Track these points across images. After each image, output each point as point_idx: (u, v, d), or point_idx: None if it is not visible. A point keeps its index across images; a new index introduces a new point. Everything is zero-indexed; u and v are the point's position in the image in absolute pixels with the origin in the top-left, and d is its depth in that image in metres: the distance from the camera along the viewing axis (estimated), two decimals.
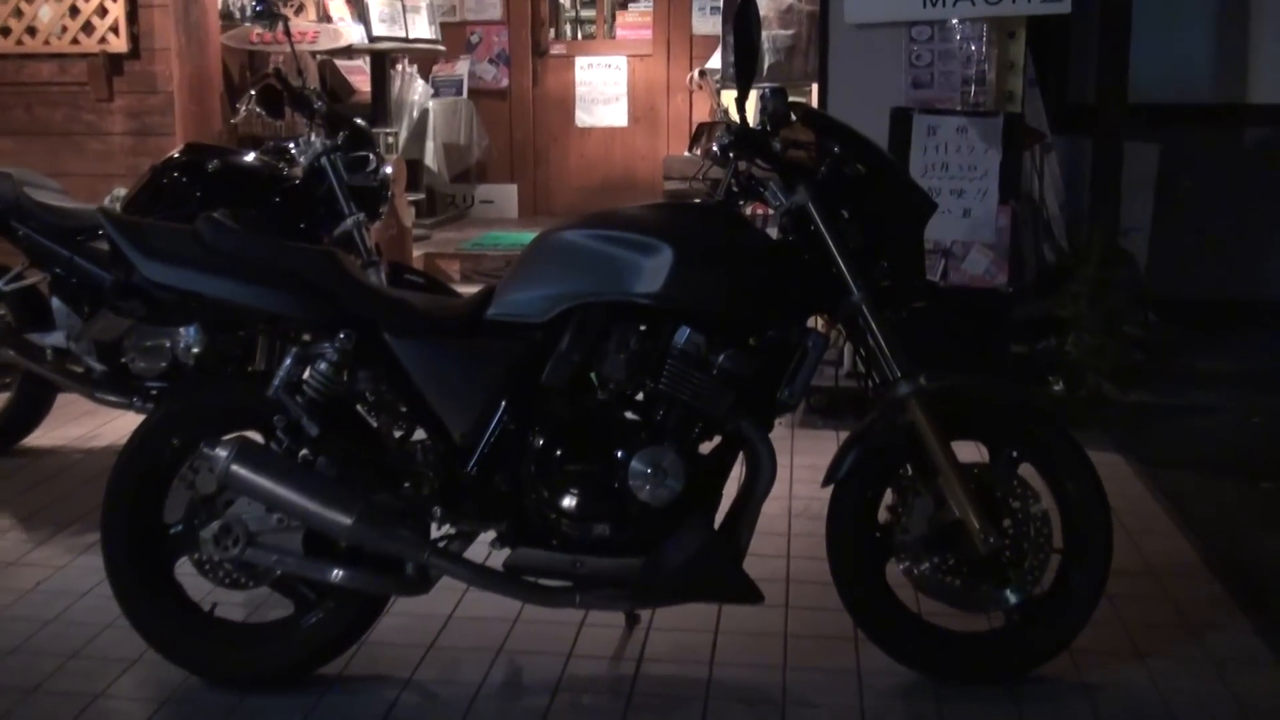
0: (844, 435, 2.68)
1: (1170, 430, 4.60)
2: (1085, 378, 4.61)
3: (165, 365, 3.68)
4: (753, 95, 2.62)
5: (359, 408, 2.62)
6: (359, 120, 4.10)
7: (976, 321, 4.35)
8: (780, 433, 4.34)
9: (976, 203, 4.33)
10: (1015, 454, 2.64)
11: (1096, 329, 4.65)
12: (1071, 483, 2.62)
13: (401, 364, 2.52)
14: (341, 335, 2.49)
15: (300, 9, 7.37)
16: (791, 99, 2.60)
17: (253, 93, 7.06)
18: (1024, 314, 4.78)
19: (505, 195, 9.31)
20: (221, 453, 2.45)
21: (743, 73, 2.52)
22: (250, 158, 4.06)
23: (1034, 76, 5.03)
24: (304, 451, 2.51)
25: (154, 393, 3.67)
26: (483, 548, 2.59)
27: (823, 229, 2.48)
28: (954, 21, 4.43)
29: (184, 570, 2.63)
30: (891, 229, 2.53)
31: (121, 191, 4.33)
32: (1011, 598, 2.63)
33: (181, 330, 3.65)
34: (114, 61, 5.73)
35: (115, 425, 4.44)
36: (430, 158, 8.37)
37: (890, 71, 4.52)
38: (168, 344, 3.67)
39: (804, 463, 4.08)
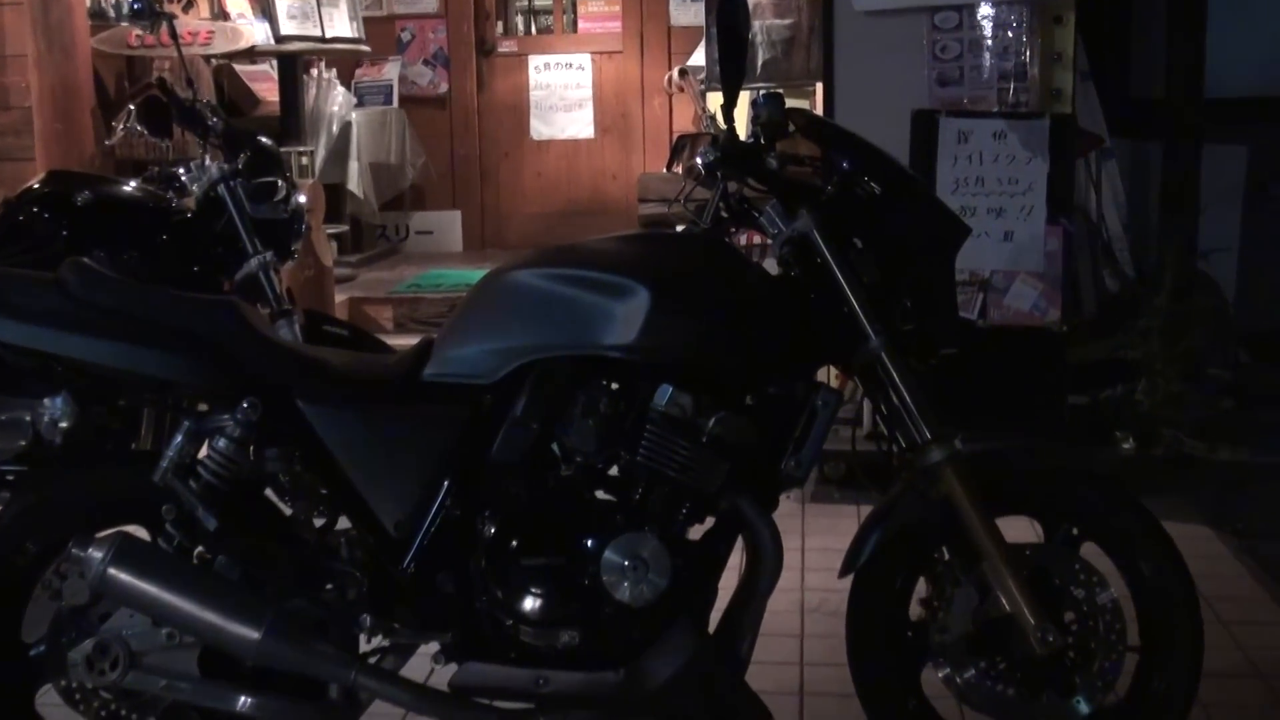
0: (865, 512, 2.68)
1: (1270, 495, 4.62)
2: (1161, 433, 4.64)
3: (24, 444, 3.65)
4: (743, 100, 2.65)
5: (268, 493, 2.62)
6: (264, 138, 4.12)
7: (1024, 368, 4.38)
8: (787, 510, 4.34)
9: (1020, 223, 4.38)
10: (1076, 531, 2.65)
11: (1173, 373, 4.69)
12: (1147, 564, 2.63)
13: (320, 438, 2.52)
14: (245, 404, 2.49)
15: (190, 5, 7.43)
16: (790, 104, 2.64)
17: (132, 107, 7.10)
18: (1083, 357, 4.82)
19: (446, 225, 9.36)
20: (96, 553, 2.43)
21: (730, 72, 2.55)
22: (130, 187, 4.07)
23: (1087, 69, 5.10)
24: (200, 549, 2.49)
25: (9, 479, 3.65)
26: (424, 662, 2.58)
27: (831, 261, 2.51)
28: (986, 6, 4.49)
29: (48, 701, 2.60)
30: (915, 259, 2.56)
31: None
32: (1080, 709, 2.63)
33: (45, 402, 3.62)
34: None
35: None
36: (354, 181, 8.42)
37: (910, 67, 4.58)
38: (27, 418, 3.65)
39: (817, 546, 4.09)
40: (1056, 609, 2.59)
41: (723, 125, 2.59)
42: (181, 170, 4.01)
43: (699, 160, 2.60)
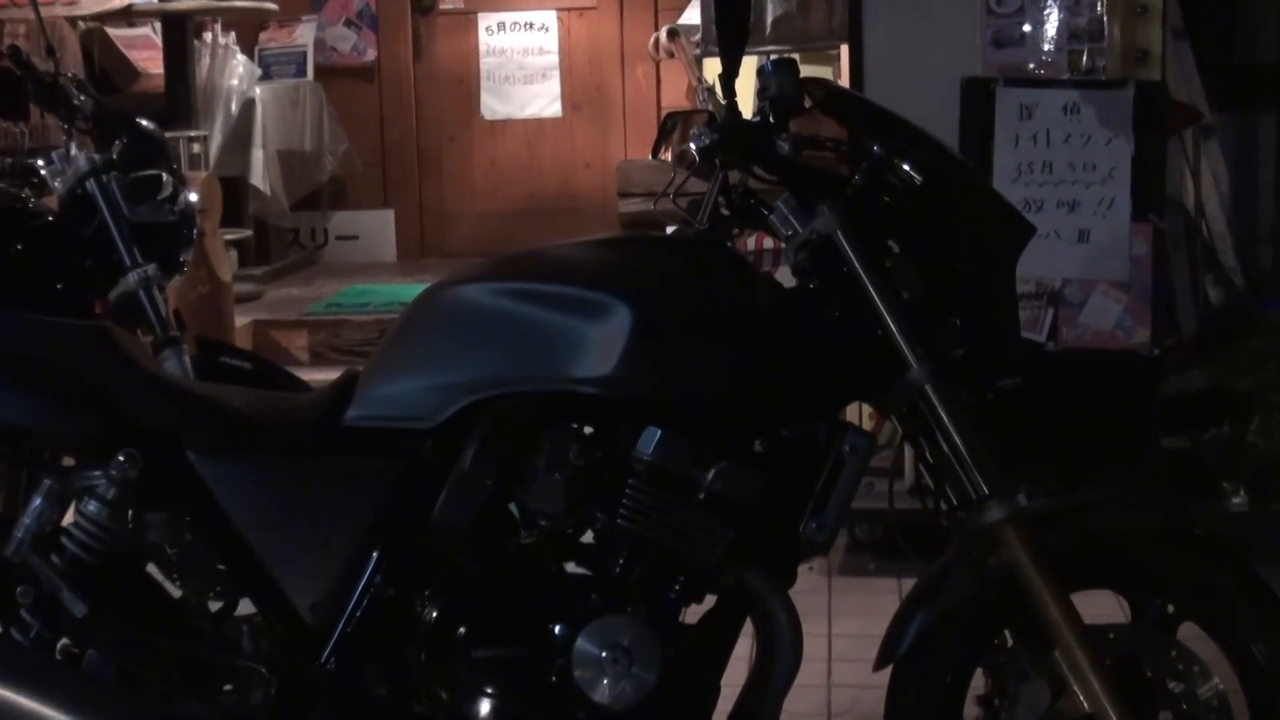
0: (907, 587, 2.69)
1: None
2: (1264, 478, 4.65)
3: None
4: (748, 68, 2.67)
5: (151, 569, 2.62)
6: (146, 121, 4.13)
7: (1106, 402, 4.38)
8: (809, 585, 4.35)
9: (1098, 220, 4.39)
10: (1172, 608, 2.66)
11: None
12: (1262, 648, 2.64)
13: (216, 499, 2.52)
14: (122, 457, 2.49)
15: None
16: (806, 72, 2.65)
17: None
18: (1181, 387, 4.83)
19: (376, 228, 9.37)
20: None
21: (731, 33, 2.57)
22: None
23: (1180, 25, 5.12)
24: (64, 641, 2.49)
25: None
26: None
27: (860, 270, 2.52)
28: None
29: None
30: (967, 267, 2.57)
31: None
32: None
33: None
34: None
35: None
36: (258, 174, 8.41)
37: (957, 24, 4.60)
38: None
39: (847, 631, 4.10)
40: (1149, 707, 2.59)
41: (722, 100, 2.61)
42: (41, 162, 4.01)
43: (693, 144, 2.61)
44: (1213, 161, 5.48)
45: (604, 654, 2.45)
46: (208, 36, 8.30)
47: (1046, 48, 4.55)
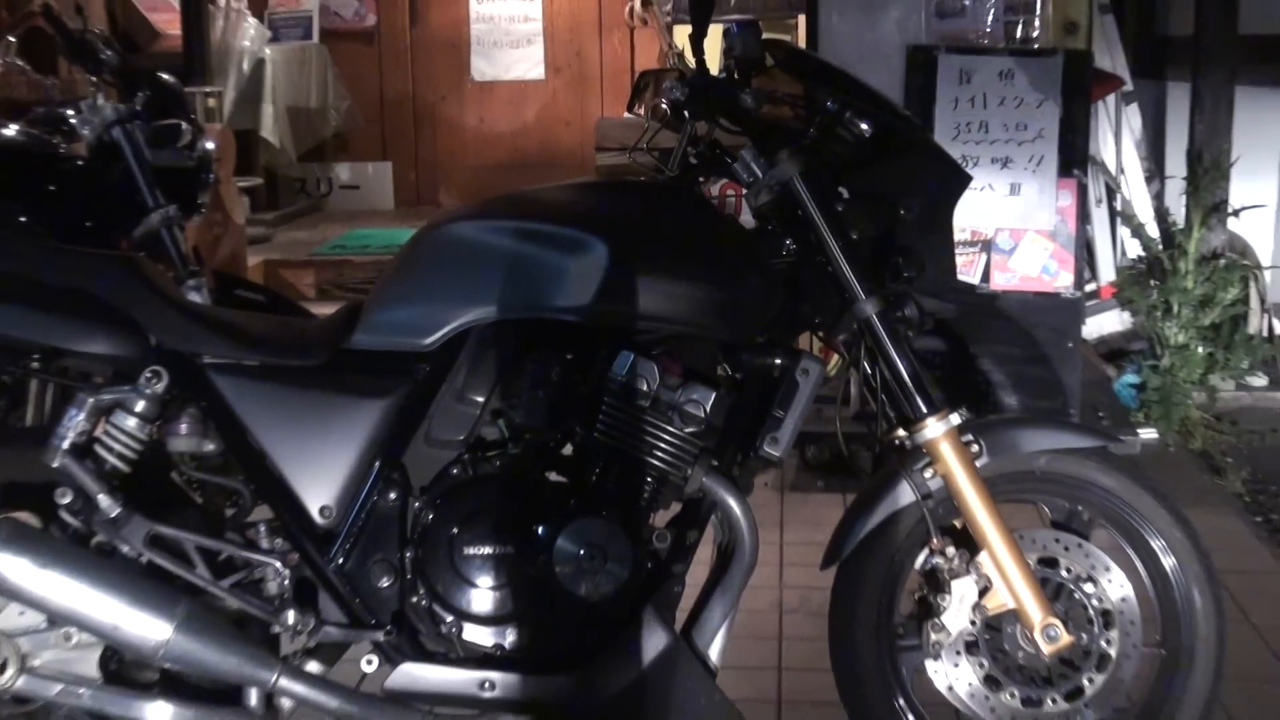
0: (851, 499, 2.74)
1: None
2: (1171, 411, 4.72)
3: None
4: (715, 33, 2.69)
5: (176, 476, 2.64)
6: (166, 75, 4.13)
7: (1031, 338, 4.43)
8: (764, 499, 4.40)
9: (1028, 175, 4.43)
10: (1088, 516, 2.72)
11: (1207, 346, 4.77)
12: (1161, 544, 2.70)
13: (235, 413, 2.54)
14: (149, 374, 2.51)
15: None
16: (768, 35, 2.68)
17: (12, 39, 7.06)
18: (1098, 328, 4.88)
19: (375, 178, 9.35)
20: None
21: (700, 3, 2.59)
22: (11, 131, 4.07)
23: (1106, 1, 5.16)
24: (100, 538, 2.52)
25: None
26: (354, 666, 2.61)
27: (814, 213, 2.55)
28: None
29: None
30: (910, 211, 2.61)
31: None
32: (1087, 717, 2.69)
33: None
34: None
35: None
36: (268, 127, 8.40)
37: None
38: None
39: (798, 538, 4.14)
40: (1065, 604, 2.65)
41: (691, 60, 2.64)
42: (70, 111, 4.01)
43: (664, 98, 2.63)
44: (1131, 124, 5.52)
45: (581, 552, 2.49)
46: (221, 1, 8.26)
47: (985, 19, 4.58)
